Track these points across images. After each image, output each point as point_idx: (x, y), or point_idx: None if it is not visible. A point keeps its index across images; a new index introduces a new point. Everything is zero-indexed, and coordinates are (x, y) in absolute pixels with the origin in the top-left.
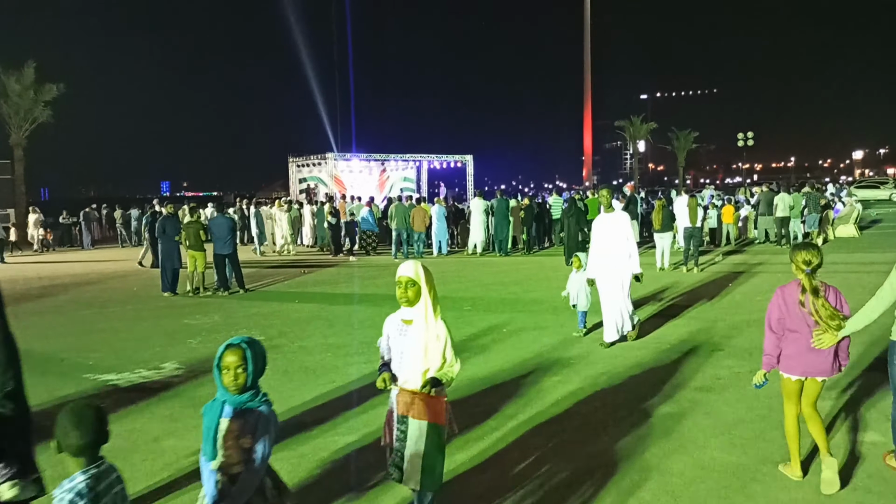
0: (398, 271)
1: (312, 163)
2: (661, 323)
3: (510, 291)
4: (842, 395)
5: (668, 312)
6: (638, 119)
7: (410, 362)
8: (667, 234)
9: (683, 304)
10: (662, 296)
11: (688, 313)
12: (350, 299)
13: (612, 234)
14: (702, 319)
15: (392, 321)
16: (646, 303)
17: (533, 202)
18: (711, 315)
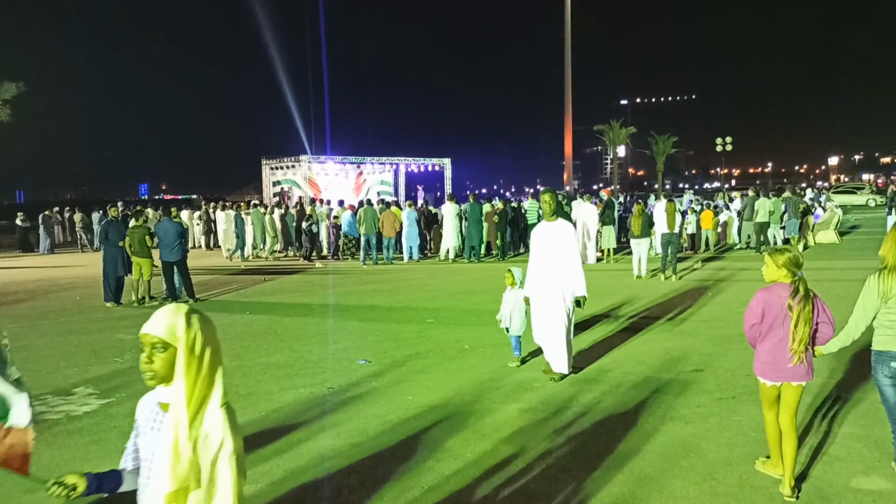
0: (143, 327)
1: (286, 165)
2: (634, 338)
3: (478, 302)
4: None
5: (642, 325)
6: (617, 123)
7: (157, 477)
8: (644, 240)
9: (659, 315)
10: (637, 306)
11: (664, 326)
12: (307, 310)
13: (554, 247)
14: (679, 334)
15: (145, 405)
16: (618, 314)
17: (507, 207)
18: (689, 328)
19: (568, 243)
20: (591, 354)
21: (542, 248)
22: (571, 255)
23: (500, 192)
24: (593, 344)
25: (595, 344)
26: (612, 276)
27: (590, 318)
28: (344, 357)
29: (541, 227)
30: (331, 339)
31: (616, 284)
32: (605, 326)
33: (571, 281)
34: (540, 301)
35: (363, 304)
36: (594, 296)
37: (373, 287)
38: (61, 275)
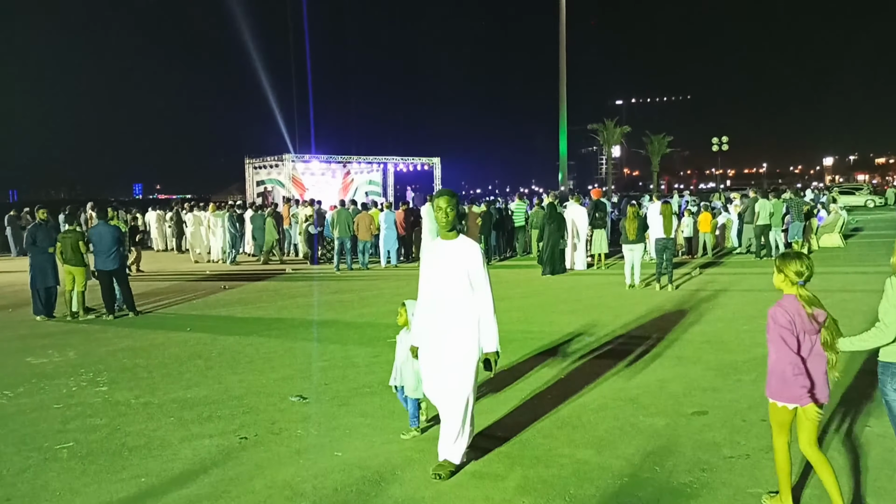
0: None
1: (269, 164)
2: (622, 365)
3: None
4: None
5: (632, 347)
6: (612, 122)
7: None
8: (639, 245)
9: (652, 336)
10: (628, 322)
11: (658, 351)
12: (255, 327)
13: (450, 278)
14: (676, 360)
15: None
16: (605, 332)
17: (491, 208)
18: (689, 352)
19: (474, 273)
20: (568, 387)
21: (435, 279)
22: (479, 291)
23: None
24: (572, 371)
25: (574, 371)
26: (601, 285)
27: (571, 337)
28: (277, 391)
29: (433, 247)
30: (270, 365)
31: (605, 294)
32: (587, 348)
33: (476, 329)
34: (428, 355)
35: (322, 318)
36: (582, 308)
37: (338, 297)
38: (14, 280)
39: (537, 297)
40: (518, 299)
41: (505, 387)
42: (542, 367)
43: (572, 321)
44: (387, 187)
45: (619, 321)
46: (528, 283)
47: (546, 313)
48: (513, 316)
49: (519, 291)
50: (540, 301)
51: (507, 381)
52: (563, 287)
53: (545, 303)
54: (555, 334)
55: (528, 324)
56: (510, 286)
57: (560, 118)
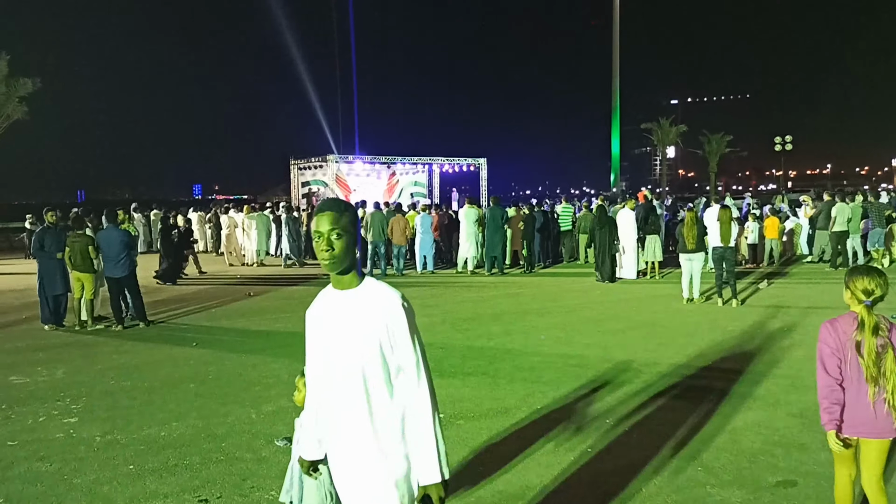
0: None
1: (314, 165)
2: (679, 407)
3: (479, 334)
4: None
5: (692, 382)
6: (667, 122)
7: None
8: (699, 255)
9: (718, 367)
10: (687, 349)
11: (723, 387)
12: (264, 344)
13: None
14: (749, 401)
15: None
16: (661, 362)
17: (535, 211)
18: (763, 391)
19: (396, 344)
20: (614, 438)
21: (323, 357)
22: (406, 377)
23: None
24: (620, 414)
25: (622, 415)
26: (655, 298)
27: (619, 365)
28: (264, 430)
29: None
30: (267, 394)
31: (660, 310)
32: (639, 381)
33: (398, 447)
34: (336, 479)
35: None
36: (633, 327)
37: None
38: None
39: (582, 312)
40: (560, 314)
41: (535, 434)
42: (581, 404)
43: (621, 344)
44: (432, 188)
45: (676, 345)
46: (572, 294)
47: (591, 332)
48: (552, 335)
49: (561, 304)
50: (584, 316)
51: (539, 426)
52: (611, 300)
53: (590, 318)
54: (600, 361)
55: (568, 346)
56: (552, 297)
57: (612, 117)
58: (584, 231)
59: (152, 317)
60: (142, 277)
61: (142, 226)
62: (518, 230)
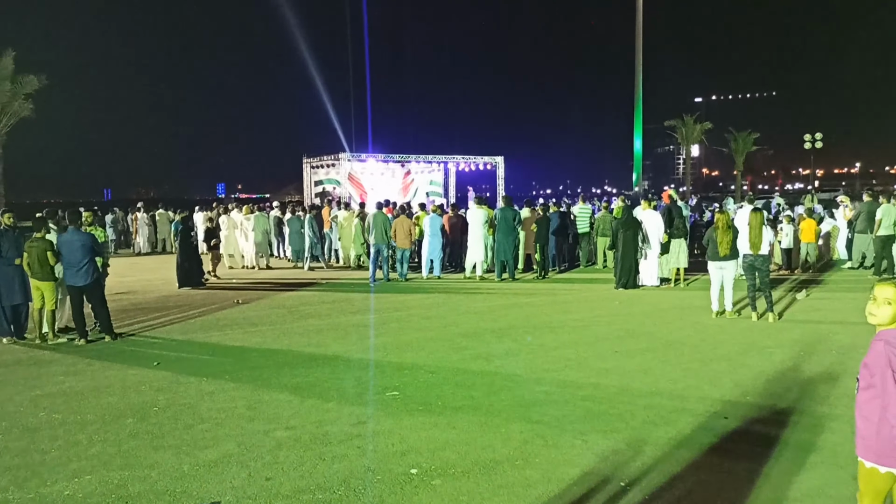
0: None
1: (326, 163)
2: (709, 473)
3: (486, 354)
4: None
5: (729, 431)
6: (691, 119)
7: None
8: (730, 262)
9: (756, 404)
10: (720, 381)
11: (769, 434)
12: (238, 363)
13: None
14: (804, 454)
15: None
16: (692, 395)
17: (549, 212)
18: (821, 443)
19: None
20: None
21: None
22: None
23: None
24: (638, 480)
25: (642, 479)
26: (681, 310)
27: (640, 402)
28: (194, 489)
29: None
30: (213, 434)
31: (686, 325)
32: (662, 425)
33: None
34: None
35: (321, 351)
36: (656, 347)
37: (358, 320)
38: None
39: (598, 327)
40: (572, 329)
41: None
42: (589, 457)
43: (643, 369)
44: (448, 188)
45: (707, 372)
46: (588, 304)
47: (607, 354)
48: (561, 356)
49: (575, 317)
50: (600, 333)
51: (535, 490)
52: (631, 311)
53: (607, 335)
54: (616, 394)
55: (580, 371)
56: (566, 308)
57: (635, 115)
58: (603, 233)
59: (126, 327)
60: (142, 282)
61: (146, 226)
62: (531, 232)
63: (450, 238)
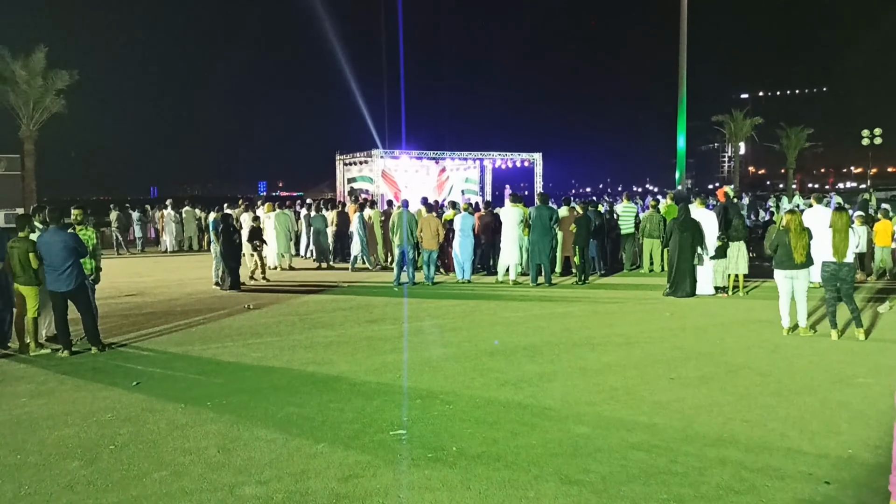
0: None
1: (359, 160)
2: None
3: (515, 378)
4: None
5: None
6: (740, 114)
7: None
8: (804, 271)
9: (863, 461)
10: (809, 426)
11: None
12: (227, 384)
13: None
14: None
15: None
16: (763, 453)
17: (589, 210)
18: None
19: None
20: None
21: None
22: None
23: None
24: None
25: None
26: (743, 325)
27: (709, 454)
28: None
29: None
30: (165, 490)
31: (753, 344)
32: (744, 492)
33: None
34: None
35: (324, 371)
36: (718, 375)
37: (372, 331)
38: None
39: (648, 345)
40: (617, 348)
41: None
42: None
43: (707, 405)
44: (484, 185)
45: (788, 409)
46: (634, 315)
47: (660, 381)
48: (605, 383)
49: (620, 332)
50: (651, 353)
51: None
52: (685, 326)
53: (660, 357)
54: (677, 442)
55: (629, 406)
56: (609, 321)
57: (678, 111)
58: (650, 234)
59: (120, 336)
60: (157, 283)
61: (174, 224)
62: (570, 233)
63: (481, 239)
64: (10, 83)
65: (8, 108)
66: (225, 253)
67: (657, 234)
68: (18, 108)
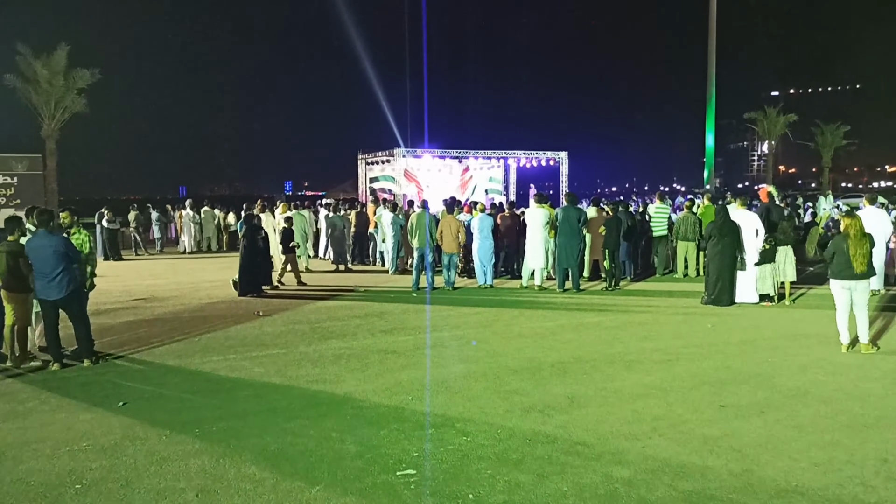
0: None
1: (381, 159)
2: None
3: (541, 403)
4: None
5: None
6: (774, 111)
7: None
8: (863, 282)
9: None
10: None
11: None
12: (218, 407)
13: None
14: None
15: None
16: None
17: (620, 211)
18: None
19: None
20: None
21: None
22: None
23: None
24: None
25: None
26: (797, 341)
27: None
28: None
29: None
30: None
31: (811, 366)
32: None
33: None
34: None
35: (329, 390)
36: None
37: (386, 343)
38: None
39: (690, 363)
40: (655, 366)
41: None
42: None
43: (766, 438)
44: (508, 185)
45: (870, 450)
46: (672, 326)
47: (710, 410)
48: (646, 411)
49: (658, 346)
50: (695, 373)
51: None
52: (730, 340)
53: (705, 377)
54: (738, 495)
55: (675, 440)
56: (644, 332)
57: (707, 109)
58: (684, 237)
59: (117, 347)
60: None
61: (192, 224)
62: (599, 235)
63: (504, 241)
64: (32, 82)
65: (29, 107)
66: (245, 255)
67: (692, 236)
68: (40, 108)
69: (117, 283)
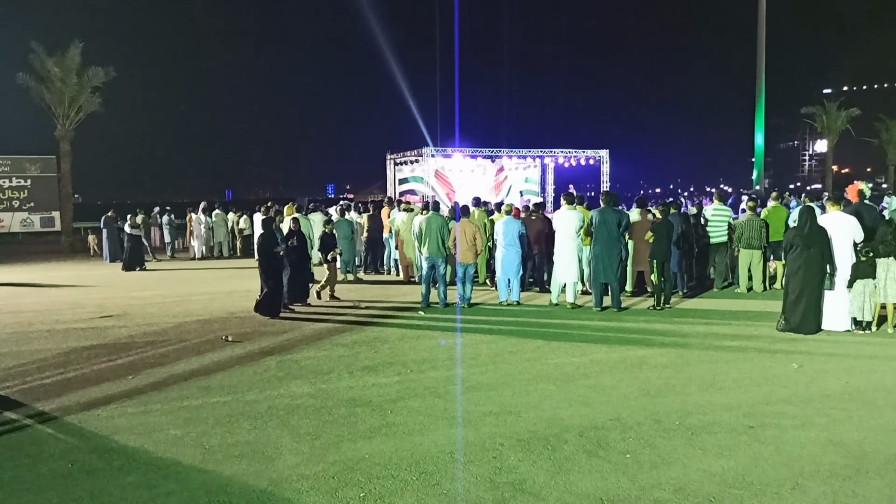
0: None
1: (410, 159)
2: None
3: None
4: None
5: None
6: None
7: None
8: None
9: None
10: None
11: None
12: (81, 493)
13: None
14: None
15: None
16: None
17: (669, 215)
18: None
19: None
20: None
21: None
22: None
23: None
24: None
25: None
26: None
27: None
28: None
29: None
30: None
31: None
32: None
33: None
34: None
35: (250, 477)
36: None
37: (363, 385)
38: (78, 299)
39: (778, 433)
40: (729, 439)
41: None
42: None
43: None
44: (545, 185)
45: None
46: (744, 364)
47: None
48: None
49: (730, 400)
50: (788, 454)
51: None
52: (827, 390)
53: (803, 463)
54: None
55: None
56: (709, 374)
57: (756, 107)
58: (749, 244)
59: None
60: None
61: (204, 229)
62: (645, 243)
63: (533, 249)
64: (45, 81)
65: (43, 107)
66: (263, 267)
67: (757, 243)
68: (54, 107)
69: (98, 296)
